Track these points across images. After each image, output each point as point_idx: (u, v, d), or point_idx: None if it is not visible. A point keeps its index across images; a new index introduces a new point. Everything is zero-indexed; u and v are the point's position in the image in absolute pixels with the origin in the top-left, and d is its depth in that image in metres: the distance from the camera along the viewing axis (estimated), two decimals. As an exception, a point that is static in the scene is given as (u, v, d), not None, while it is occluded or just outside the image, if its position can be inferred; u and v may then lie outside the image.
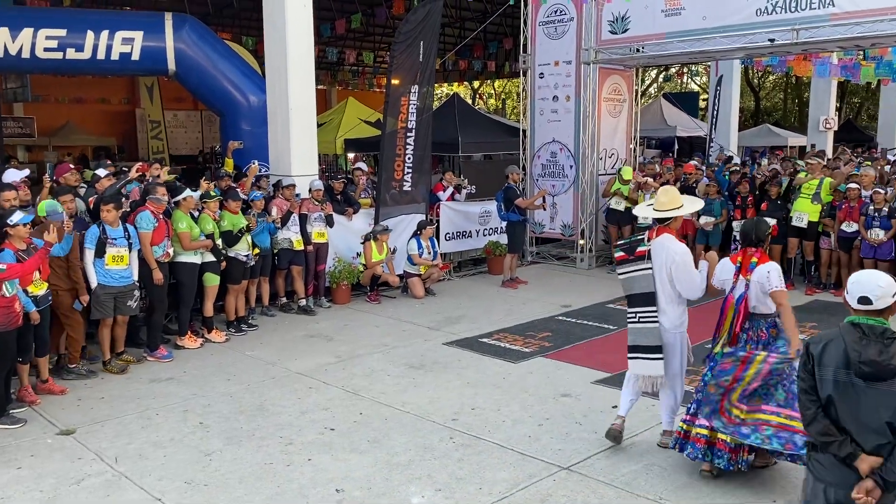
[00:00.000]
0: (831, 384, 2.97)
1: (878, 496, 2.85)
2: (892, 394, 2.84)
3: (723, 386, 4.70)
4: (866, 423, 2.90)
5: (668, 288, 5.08)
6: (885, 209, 9.41)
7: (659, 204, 5.20)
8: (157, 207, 7.35)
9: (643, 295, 5.13)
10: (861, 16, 9.06)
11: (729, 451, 4.67)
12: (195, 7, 19.91)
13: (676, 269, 5.00)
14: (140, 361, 7.31)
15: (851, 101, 34.89)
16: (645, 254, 5.11)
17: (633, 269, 5.17)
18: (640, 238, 5.26)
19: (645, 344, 5.16)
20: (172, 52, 11.36)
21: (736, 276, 4.80)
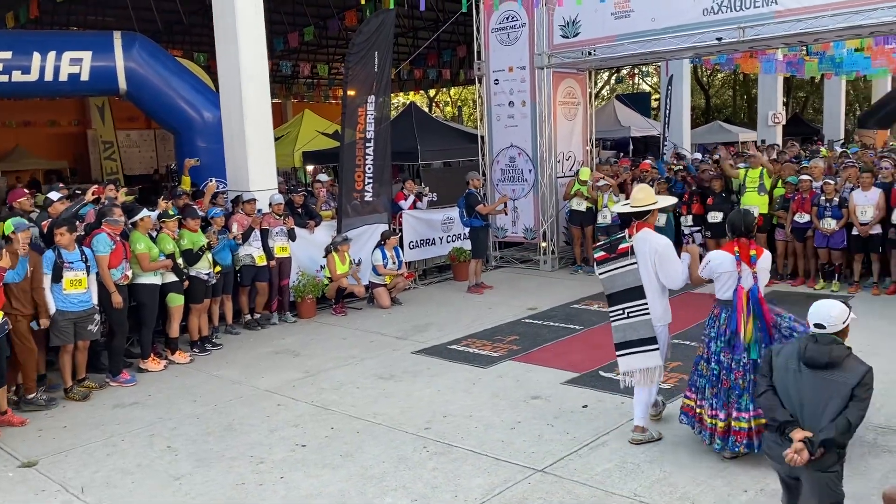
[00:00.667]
0: (783, 370, 3.60)
1: (805, 458, 3.36)
2: (831, 380, 3.44)
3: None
4: (804, 403, 3.49)
5: (654, 280, 5.21)
6: (835, 199, 9.66)
7: (635, 201, 5.32)
8: (114, 229, 7.20)
9: (629, 290, 5.21)
10: (803, 12, 9.31)
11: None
12: (144, 25, 19.64)
13: (660, 259, 5.15)
14: (103, 387, 7.15)
15: (797, 96, 35.82)
16: (628, 250, 5.22)
17: (615, 267, 5.26)
18: (620, 236, 5.36)
19: (638, 337, 5.22)
20: (123, 71, 11.18)
21: (739, 266, 4.86)
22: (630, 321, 5.25)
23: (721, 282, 4.98)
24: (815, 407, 3.45)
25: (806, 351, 3.51)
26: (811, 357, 3.49)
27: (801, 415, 3.50)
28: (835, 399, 3.40)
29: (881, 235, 9.42)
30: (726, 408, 4.92)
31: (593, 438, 5.47)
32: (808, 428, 3.43)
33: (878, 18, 8.83)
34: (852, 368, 3.45)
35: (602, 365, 7.12)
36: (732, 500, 4.49)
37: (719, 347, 4.98)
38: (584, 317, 9.07)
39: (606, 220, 11.36)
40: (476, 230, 10.85)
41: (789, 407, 3.54)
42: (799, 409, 3.51)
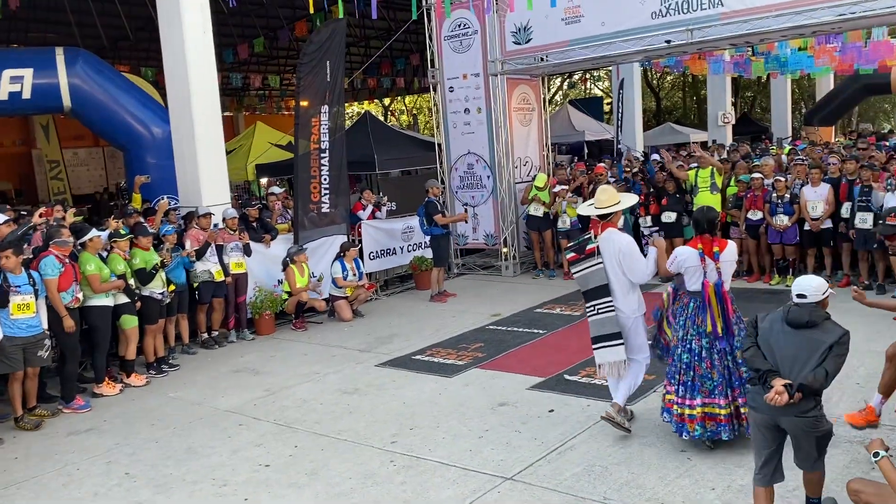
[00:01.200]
0: (767, 330, 4.02)
1: (784, 399, 3.74)
2: (811, 338, 3.86)
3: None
4: (786, 357, 3.89)
5: (622, 277, 5.44)
6: (787, 195, 9.86)
7: (599, 202, 5.52)
8: (63, 251, 6.96)
9: (599, 288, 5.46)
10: (748, 13, 9.51)
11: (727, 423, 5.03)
12: (89, 41, 19.23)
13: (624, 257, 5.39)
14: (55, 415, 6.89)
15: (745, 96, 36.61)
16: (595, 250, 5.46)
17: (586, 267, 5.52)
18: (587, 237, 5.59)
19: (605, 332, 5.49)
20: (67, 87, 10.88)
21: (703, 262, 5.10)
22: (599, 317, 5.51)
23: (689, 275, 5.20)
24: (796, 361, 3.85)
25: (789, 313, 3.94)
26: (793, 317, 3.91)
27: (782, 368, 3.88)
28: (814, 355, 3.80)
29: (831, 230, 9.64)
30: (702, 394, 5.07)
31: (561, 443, 5.45)
32: (789, 378, 3.80)
33: (819, 18, 9.06)
34: (831, 329, 3.86)
35: (566, 368, 7.13)
36: (701, 499, 4.50)
37: (690, 336, 5.16)
38: (547, 321, 9.08)
39: (566, 225, 11.42)
40: (437, 238, 10.79)
41: (773, 361, 3.91)
42: (781, 362, 3.89)
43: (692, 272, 5.16)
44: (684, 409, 5.11)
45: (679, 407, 5.15)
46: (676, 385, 5.21)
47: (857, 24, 10.17)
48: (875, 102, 36.42)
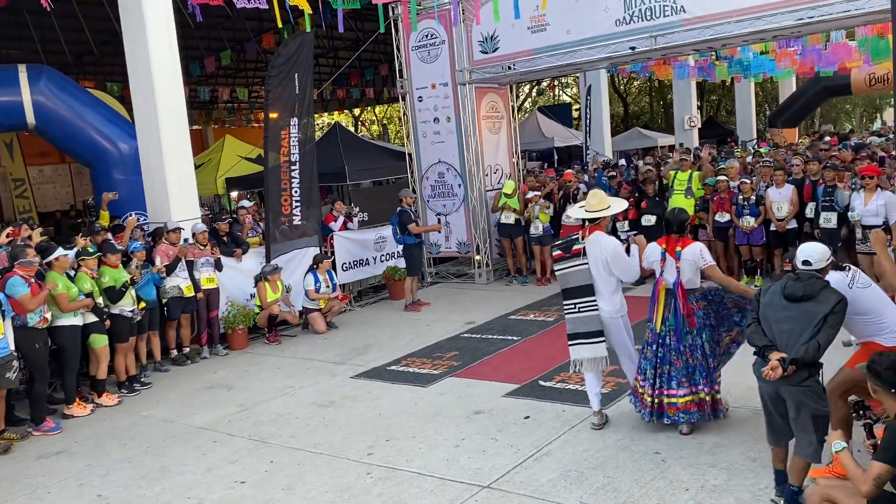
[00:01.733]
0: (767, 305, 4.23)
1: (779, 373, 3.97)
2: (805, 310, 4.06)
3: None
4: (784, 331, 4.10)
5: (606, 277, 5.62)
6: (752, 197, 10.03)
7: (590, 206, 5.74)
8: (28, 271, 6.84)
9: (580, 287, 5.64)
10: (710, 19, 9.66)
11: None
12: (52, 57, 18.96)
13: (613, 259, 5.57)
14: (25, 437, 6.76)
15: (710, 99, 37.17)
16: (581, 251, 5.64)
17: (570, 266, 5.69)
18: (574, 238, 5.77)
19: (586, 330, 5.66)
20: (30, 105, 10.71)
21: (663, 260, 5.39)
22: (580, 315, 5.69)
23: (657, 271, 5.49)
24: (792, 334, 4.06)
25: (786, 287, 4.15)
26: (790, 292, 4.12)
27: (779, 341, 4.10)
28: (808, 327, 4.01)
29: (797, 230, 9.81)
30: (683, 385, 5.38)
31: (537, 449, 5.47)
32: (787, 351, 4.02)
33: (779, 23, 9.24)
34: (825, 299, 4.05)
35: (541, 374, 7.17)
36: (675, 499, 4.55)
37: (664, 331, 5.43)
38: (520, 327, 9.12)
39: (538, 231, 11.49)
40: (410, 247, 10.80)
41: (772, 335, 4.15)
42: (778, 336, 4.12)
43: (657, 269, 5.46)
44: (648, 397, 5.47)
45: (648, 396, 5.48)
46: (643, 375, 5.55)
47: (816, 28, 10.39)
48: (836, 103, 37.24)
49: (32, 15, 17.29)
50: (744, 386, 6.27)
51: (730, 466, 4.89)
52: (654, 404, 5.46)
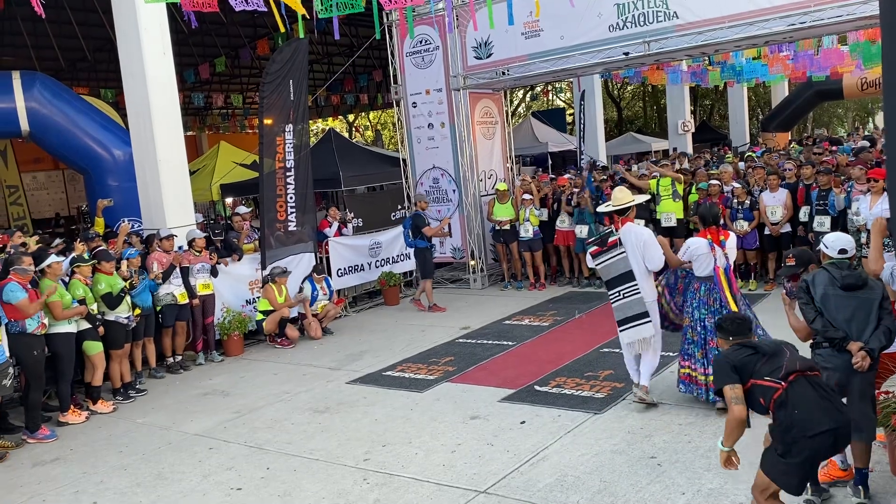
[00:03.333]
0: (826, 297, 4.36)
1: (868, 363, 4.17)
2: (863, 298, 4.29)
3: None
4: (847, 318, 4.27)
5: (642, 265, 6.11)
6: (746, 202, 10.07)
7: (616, 200, 6.29)
8: (23, 279, 6.83)
9: (622, 275, 6.11)
10: (702, 25, 9.72)
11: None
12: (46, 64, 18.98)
13: (646, 246, 6.09)
14: (20, 445, 6.74)
15: (703, 104, 37.30)
16: (617, 242, 6.14)
17: (609, 257, 6.18)
18: (608, 231, 6.39)
19: (633, 314, 6.11)
20: (24, 112, 10.73)
21: (712, 250, 5.95)
22: (626, 301, 6.12)
23: (700, 262, 6.01)
24: (852, 321, 4.27)
25: (843, 278, 4.34)
26: (849, 282, 4.32)
27: (849, 329, 4.27)
28: (870, 314, 4.26)
29: (791, 234, 9.85)
30: None
31: (533, 454, 5.48)
32: (857, 337, 4.22)
33: (770, 28, 9.30)
34: (874, 285, 4.38)
35: (536, 379, 7.18)
36: (672, 503, 4.57)
37: (703, 315, 5.97)
38: (516, 332, 9.13)
39: (528, 234, 11.51)
40: (422, 251, 10.98)
41: (839, 324, 4.29)
42: (847, 325, 4.28)
43: (703, 259, 5.98)
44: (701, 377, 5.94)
45: (701, 376, 5.94)
46: (692, 359, 6.03)
47: (808, 33, 10.45)
48: (829, 108, 37.43)
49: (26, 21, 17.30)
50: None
51: (725, 470, 4.88)
52: (708, 381, 5.83)
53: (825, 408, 3.71)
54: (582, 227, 11.10)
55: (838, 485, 4.51)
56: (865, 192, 8.68)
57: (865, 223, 8.52)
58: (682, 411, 6.02)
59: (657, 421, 5.88)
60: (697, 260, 6.03)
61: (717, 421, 5.64)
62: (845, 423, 3.74)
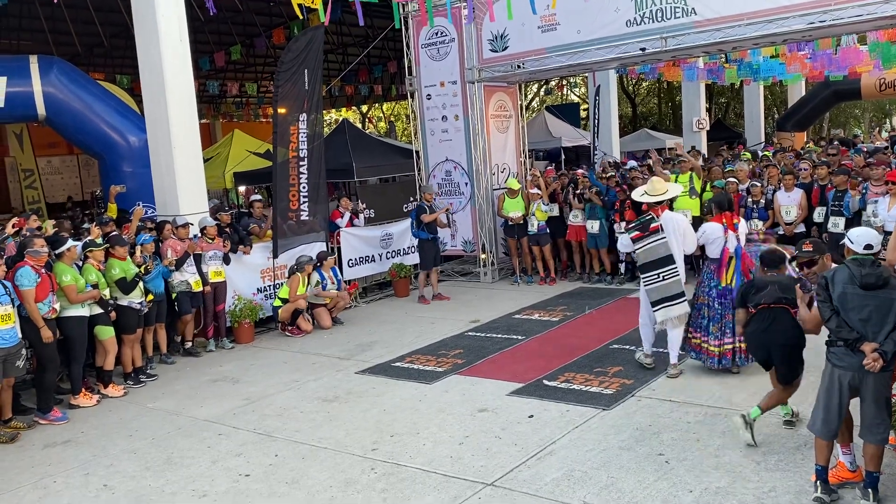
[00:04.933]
0: (844, 295, 4.28)
1: (880, 364, 4.14)
2: (883, 298, 4.21)
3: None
4: (864, 318, 4.22)
5: (680, 249, 6.74)
6: (762, 201, 10.01)
7: (654, 190, 6.87)
8: (37, 261, 6.88)
9: (663, 258, 6.66)
10: (720, 22, 9.65)
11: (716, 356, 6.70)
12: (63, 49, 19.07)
13: (685, 232, 6.80)
14: (31, 427, 6.81)
15: (719, 102, 37.07)
16: (658, 228, 6.68)
17: (651, 241, 6.70)
18: (649, 218, 6.80)
19: (672, 293, 6.67)
20: (41, 96, 10.79)
21: (726, 232, 6.57)
22: (665, 282, 6.66)
23: (715, 245, 6.63)
24: (869, 322, 4.22)
25: (863, 277, 4.25)
26: (868, 281, 4.24)
27: (865, 329, 4.22)
28: (891, 313, 4.19)
29: (805, 234, 9.78)
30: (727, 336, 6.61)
31: (540, 448, 5.49)
32: (872, 338, 4.19)
33: (790, 26, 9.22)
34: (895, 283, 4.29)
35: (545, 374, 7.17)
36: (679, 501, 4.56)
37: (718, 290, 6.60)
38: (525, 326, 9.13)
39: (534, 229, 11.49)
40: (422, 242, 11.05)
41: (854, 324, 4.24)
42: (863, 324, 4.23)
43: (718, 243, 6.59)
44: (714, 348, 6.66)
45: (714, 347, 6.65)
46: (705, 332, 6.69)
47: (827, 32, 10.36)
48: (846, 108, 37.08)
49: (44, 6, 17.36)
50: (748, 391, 6.29)
51: (733, 469, 4.90)
52: (721, 352, 6.61)
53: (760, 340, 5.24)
54: (593, 222, 11.08)
55: (847, 486, 4.49)
56: (884, 193, 8.60)
57: (883, 225, 8.45)
58: (692, 409, 6.01)
59: (666, 418, 5.87)
60: (713, 243, 6.64)
61: (726, 421, 5.63)
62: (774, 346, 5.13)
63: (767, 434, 5.36)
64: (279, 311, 9.70)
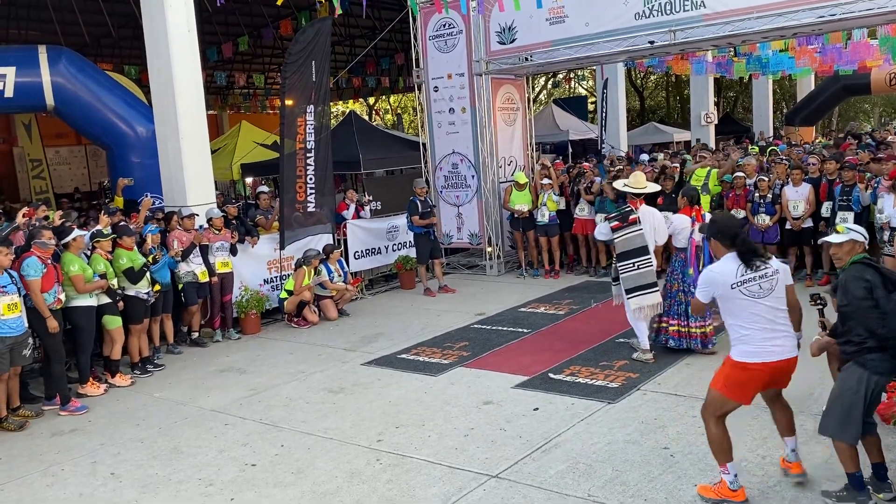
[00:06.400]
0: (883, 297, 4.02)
1: None
2: None
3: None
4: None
5: (652, 242, 7.11)
6: (769, 196, 9.98)
7: (637, 184, 7.26)
8: (44, 252, 6.90)
9: (638, 248, 6.99)
10: (730, 15, 9.60)
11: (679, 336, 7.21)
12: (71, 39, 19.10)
13: (660, 225, 7.21)
14: (39, 415, 6.86)
15: (727, 96, 36.91)
16: (637, 220, 7.01)
17: (628, 232, 7.02)
18: (628, 210, 7.13)
19: (646, 283, 7.00)
20: (50, 86, 10.82)
21: (693, 224, 7.00)
22: (640, 271, 6.98)
23: (682, 235, 7.10)
24: None
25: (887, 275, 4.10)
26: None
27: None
28: None
29: (812, 229, 9.76)
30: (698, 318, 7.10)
31: (546, 441, 5.50)
32: None
33: (800, 20, 9.16)
34: None
35: (551, 367, 7.18)
36: (684, 495, 4.56)
37: (691, 278, 6.98)
38: (531, 320, 9.13)
39: (545, 219, 11.47)
40: (416, 237, 11.10)
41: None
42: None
43: (685, 233, 7.05)
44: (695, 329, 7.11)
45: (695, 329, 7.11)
46: (684, 317, 7.12)
47: (837, 25, 10.28)
48: (855, 103, 36.86)
49: (52, -4, 17.39)
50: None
51: (738, 464, 4.88)
52: (703, 333, 7.10)
53: None
54: (602, 215, 11.04)
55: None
56: (889, 189, 8.58)
57: (889, 221, 8.42)
58: (697, 403, 5.98)
59: (671, 412, 5.88)
60: (681, 233, 7.11)
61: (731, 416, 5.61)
62: None
63: (773, 429, 5.35)
64: (285, 303, 9.73)
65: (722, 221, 4.47)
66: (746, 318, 4.25)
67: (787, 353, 4.27)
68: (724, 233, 4.35)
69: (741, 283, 4.23)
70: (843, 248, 4.27)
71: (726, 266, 4.29)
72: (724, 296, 4.29)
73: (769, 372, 4.26)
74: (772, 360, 4.23)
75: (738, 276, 4.23)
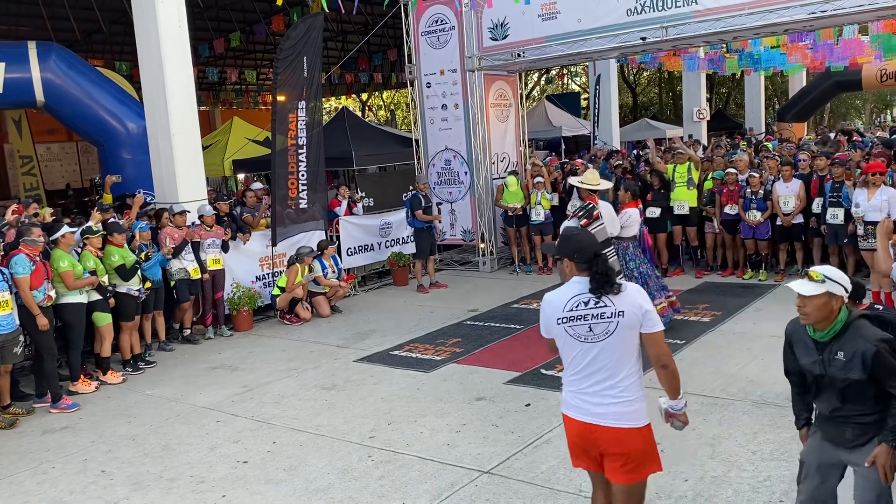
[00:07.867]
0: None
1: None
2: None
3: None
4: None
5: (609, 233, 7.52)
6: (760, 192, 10.00)
7: (594, 180, 7.64)
8: (33, 250, 6.86)
9: (604, 241, 7.14)
10: (721, 12, 9.62)
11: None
12: (62, 35, 18.96)
13: (614, 218, 7.70)
14: (30, 413, 6.83)
15: (720, 92, 36.96)
16: (599, 215, 7.30)
17: (594, 227, 7.21)
18: (591, 206, 7.37)
19: None
20: (39, 82, 10.76)
21: (642, 215, 8.02)
22: None
23: (633, 226, 7.90)
24: None
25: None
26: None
27: None
28: None
29: (803, 225, 9.80)
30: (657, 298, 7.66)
31: (537, 437, 5.51)
32: None
33: (791, 16, 9.19)
34: None
35: (542, 363, 7.19)
36: (674, 490, 4.58)
37: (637, 264, 7.84)
38: (523, 316, 9.15)
39: (540, 217, 11.48)
40: (418, 231, 11.08)
41: None
42: None
43: (636, 224, 7.94)
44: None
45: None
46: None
47: (829, 22, 10.32)
48: (847, 99, 37.01)
49: (42, -8, 17.27)
50: (745, 379, 6.32)
51: (729, 459, 4.92)
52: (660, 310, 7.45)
53: None
54: None
55: None
56: (860, 183, 8.69)
57: (863, 216, 8.49)
58: (688, 399, 6.01)
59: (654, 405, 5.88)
60: (633, 225, 7.85)
61: (722, 411, 5.66)
62: None
63: (764, 423, 5.39)
64: (278, 300, 9.71)
65: (581, 238, 3.51)
66: (571, 361, 3.47)
67: (603, 418, 3.34)
68: (584, 252, 3.37)
69: (567, 321, 3.39)
70: (814, 303, 3.19)
71: (560, 294, 3.45)
72: (550, 332, 3.50)
73: (576, 433, 3.44)
74: (577, 418, 3.39)
75: (565, 309, 3.38)
